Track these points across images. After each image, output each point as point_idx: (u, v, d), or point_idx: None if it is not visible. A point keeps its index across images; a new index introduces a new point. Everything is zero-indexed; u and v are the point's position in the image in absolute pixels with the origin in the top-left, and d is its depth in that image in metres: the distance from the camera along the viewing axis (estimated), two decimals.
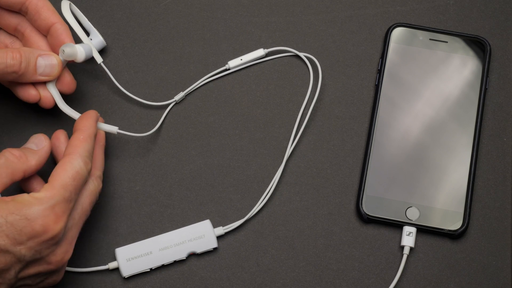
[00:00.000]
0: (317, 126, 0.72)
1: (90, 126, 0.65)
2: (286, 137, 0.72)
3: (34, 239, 0.58)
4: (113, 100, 0.72)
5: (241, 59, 0.73)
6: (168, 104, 0.72)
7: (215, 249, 0.68)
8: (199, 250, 0.68)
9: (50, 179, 0.61)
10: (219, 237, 0.69)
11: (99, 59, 0.70)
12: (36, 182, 0.66)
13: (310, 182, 0.70)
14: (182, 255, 0.68)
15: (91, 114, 0.66)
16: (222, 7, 0.75)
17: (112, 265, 0.68)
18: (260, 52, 0.73)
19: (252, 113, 0.72)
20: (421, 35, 0.73)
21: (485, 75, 0.72)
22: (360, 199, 0.69)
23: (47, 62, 0.67)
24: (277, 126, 0.72)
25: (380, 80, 0.72)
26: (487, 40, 0.73)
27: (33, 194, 0.60)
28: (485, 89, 0.72)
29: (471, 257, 0.68)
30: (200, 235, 0.68)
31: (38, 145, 0.66)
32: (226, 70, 0.73)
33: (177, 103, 0.72)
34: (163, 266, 0.68)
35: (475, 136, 0.70)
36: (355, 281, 0.68)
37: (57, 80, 0.68)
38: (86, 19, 0.71)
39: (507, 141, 0.71)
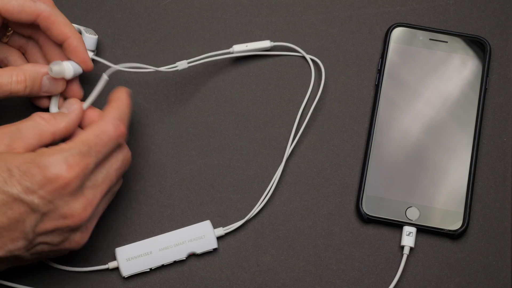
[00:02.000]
0: (317, 126, 0.72)
1: (122, 95, 0.65)
2: (286, 137, 0.72)
3: (45, 187, 0.58)
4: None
5: (247, 46, 0.73)
6: (171, 69, 0.71)
7: (215, 249, 0.68)
8: (199, 250, 0.68)
9: (75, 134, 0.62)
10: (219, 238, 0.69)
11: (90, 53, 0.70)
12: None
13: (310, 182, 0.70)
14: (182, 256, 0.67)
15: (122, 88, 0.66)
16: (222, 7, 0.75)
17: (112, 264, 0.68)
18: (266, 43, 0.73)
19: (252, 113, 0.72)
20: (421, 35, 0.73)
21: (485, 75, 0.72)
22: (360, 199, 0.69)
23: (51, 81, 0.67)
24: (277, 126, 0.72)
25: (380, 80, 0.72)
26: (487, 40, 0.73)
27: (52, 147, 0.60)
28: (485, 89, 0.72)
29: (471, 257, 0.68)
30: (200, 236, 0.68)
31: (69, 108, 0.66)
32: (230, 53, 0.73)
33: (179, 71, 0.72)
34: (163, 266, 0.68)
35: (475, 136, 0.70)
36: (355, 281, 0.68)
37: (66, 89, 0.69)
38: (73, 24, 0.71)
39: (507, 141, 0.71)
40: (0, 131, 0.61)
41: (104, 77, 0.66)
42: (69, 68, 0.67)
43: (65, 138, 0.65)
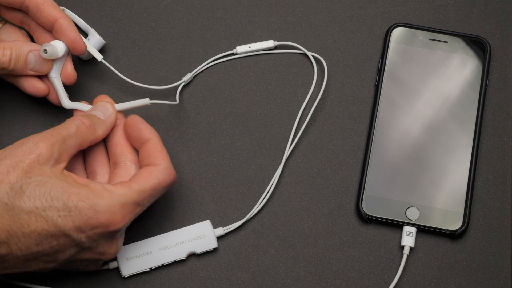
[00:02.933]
0: (317, 126, 0.72)
1: (153, 132, 0.65)
2: (287, 137, 0.72)
3: (95, 229, 0.60)
4: (120, 95, 0.72)
5: (250, 47, 0.73)
6: (177, 86, 0.72)
7: (215, 249, 0.68)
8: (199, 250, 0.68)
9: (132, 179, 0.62)
10: (219, 238, 0.69)
11: (99, 56, 0.70)
12: (100, 164, 0.66)
13: (310, 182, 0.70)
14: (182, 255, 0.68)
15: (139, 120, 0.66)
16: (222, 7, 0.75)
17: (112, 264, 0.68)
18: (270, 43, 0.73)
19: (252, 113, 0.72)
20: (421, 35, 0.73)
21: (485, 75, 0.72)
22: (360, 199, 0.69)
23: (37, 58, 0.67)
24: (277, 126, 0.72)
25: (380, 80, 0.72)
26: (487, 40, 0.73)
27: (107, 186, 0.61)
28: (485, 89, 0.72)
29: (471, 257, 0.68)
30: (200, 235, 0.68)
31: (105, 114, 0.66)
32: (233, 54, 0.73)
33: (185, 84, 0.72)
34: (163, 266, 0.68)
35: (475, 136, 0.70)
36: (355, 281, 0.68)
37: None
38: (82, 21, 0.71)
39: (507, 141, 0.71)
40: (49, 142, 0.61)
41: (147, 101, 0.67)
42: (60, 47, 0.67)
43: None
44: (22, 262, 0.59)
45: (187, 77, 0.72)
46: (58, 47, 0.67)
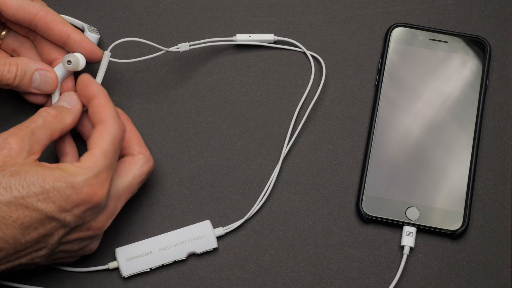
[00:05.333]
0: (317, 126, 0.72)
1: (99, 89, 0.66)
2: (286, 137, 0.72)
3: (79, 207, 0.60)
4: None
5: (250, 36, 0.73)
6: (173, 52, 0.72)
7: (215, 249, 0.68)
8: (199, 250, 0.68)
9: (90, 147, 0.62)
10: (219, 238, 0.69)
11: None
12: (69, 146, 0.67)
13: (310, 182, 0.70)
14: (182, 255, 0.67)
15: (88, 77, 0.66)
16: (222, 7, 0.75)
17: (112, 265, 0.68)
18: (270, 36, 0.73)
19: (252, 113, 0.72)
20: (421, 35, 0.73)
21: (485, 75, 0.72)
22: (360, 199, 0.69)
23: (42, 78, 0.67)
24: (277, 126, 0.72)
25: (380, 80, 0.72)
26: (487, 40, 0.73)
27: (76, 164, 0.61)
28: (485, 89, 0.72)
29: (471, 257, 0.68)
30: (200, 235, 0.68)
31: (70, 103, 0.66)
32: (232, 41, 0.73)
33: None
34: (163, 266, 0.68)
35: (475, 136, 0.70)
36: (355, 281, 0.68)
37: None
38: (75, 20, 0.71)
39: (507, 141, 0.71)
40: (19, 136, 0.61)
41: (107, 53, 0.67)
42: (82, 59, 0.67)
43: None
44: (12, 254, 0.59)
45: (184, 47, 0.71)
46: (80, 59, 0.67)
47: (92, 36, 0.71)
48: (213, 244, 0.68)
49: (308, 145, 0.71)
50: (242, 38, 0.73)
